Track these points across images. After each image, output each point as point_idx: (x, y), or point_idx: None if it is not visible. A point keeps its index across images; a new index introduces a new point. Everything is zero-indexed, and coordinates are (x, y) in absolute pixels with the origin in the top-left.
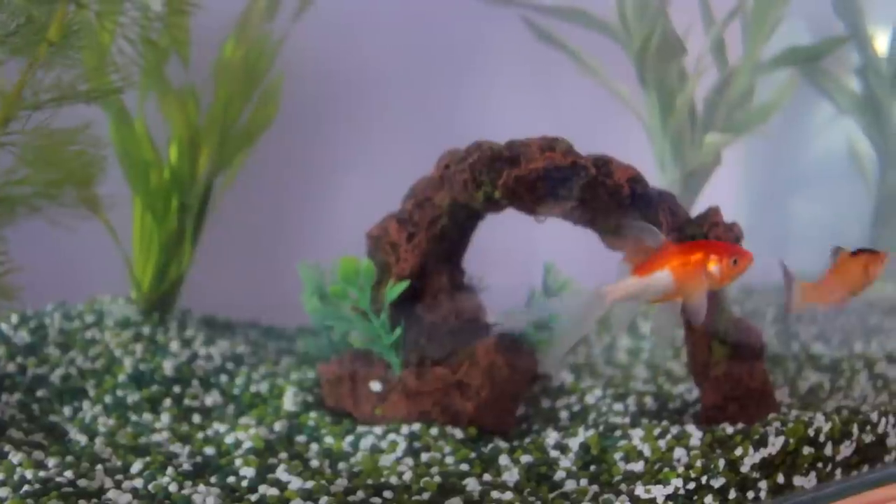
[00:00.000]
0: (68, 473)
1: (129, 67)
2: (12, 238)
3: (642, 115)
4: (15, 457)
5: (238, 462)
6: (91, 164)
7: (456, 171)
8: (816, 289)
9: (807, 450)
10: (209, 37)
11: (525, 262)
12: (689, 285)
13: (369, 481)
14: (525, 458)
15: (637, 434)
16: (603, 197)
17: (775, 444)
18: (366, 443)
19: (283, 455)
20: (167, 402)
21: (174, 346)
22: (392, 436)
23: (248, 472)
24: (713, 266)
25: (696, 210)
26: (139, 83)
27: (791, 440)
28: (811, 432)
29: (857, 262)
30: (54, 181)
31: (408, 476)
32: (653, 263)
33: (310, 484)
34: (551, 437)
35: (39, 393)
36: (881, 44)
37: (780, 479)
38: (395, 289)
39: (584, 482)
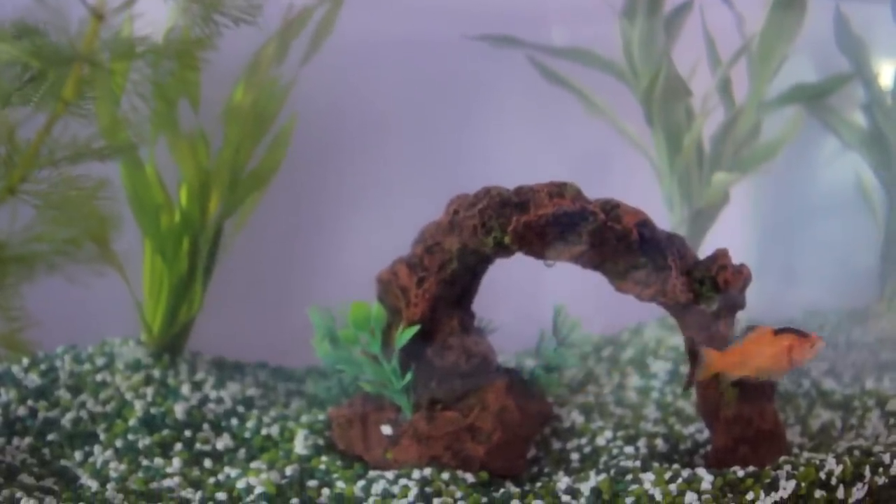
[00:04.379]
0: None
1: (142, 124)
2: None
3: (650, 154)
4: (27, 503)
5: None
6: (108, 221)
7: (465, 216)
8: (724, 357)
9: (818, 493)
10: (219, 79)
11: (534, 300)
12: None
13: None
14: None
15: (648, 478)
16: (612, 241)
17: (786, 488)
18: (377, 487)
19: (295, 500)
20: (178, 446)
21: (185, 389)
22: (404, 480)
23: None
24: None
25: (705, 248)
26: (150, 128)
27: (802, 484)
28: (822, 475)
29: (779, 341)
30: (72, 239)
31: None
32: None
33: None
34: (563, 481)
35: (50, 437)
36: (887, 79)
37: None
38: (405, 334)
39: None
